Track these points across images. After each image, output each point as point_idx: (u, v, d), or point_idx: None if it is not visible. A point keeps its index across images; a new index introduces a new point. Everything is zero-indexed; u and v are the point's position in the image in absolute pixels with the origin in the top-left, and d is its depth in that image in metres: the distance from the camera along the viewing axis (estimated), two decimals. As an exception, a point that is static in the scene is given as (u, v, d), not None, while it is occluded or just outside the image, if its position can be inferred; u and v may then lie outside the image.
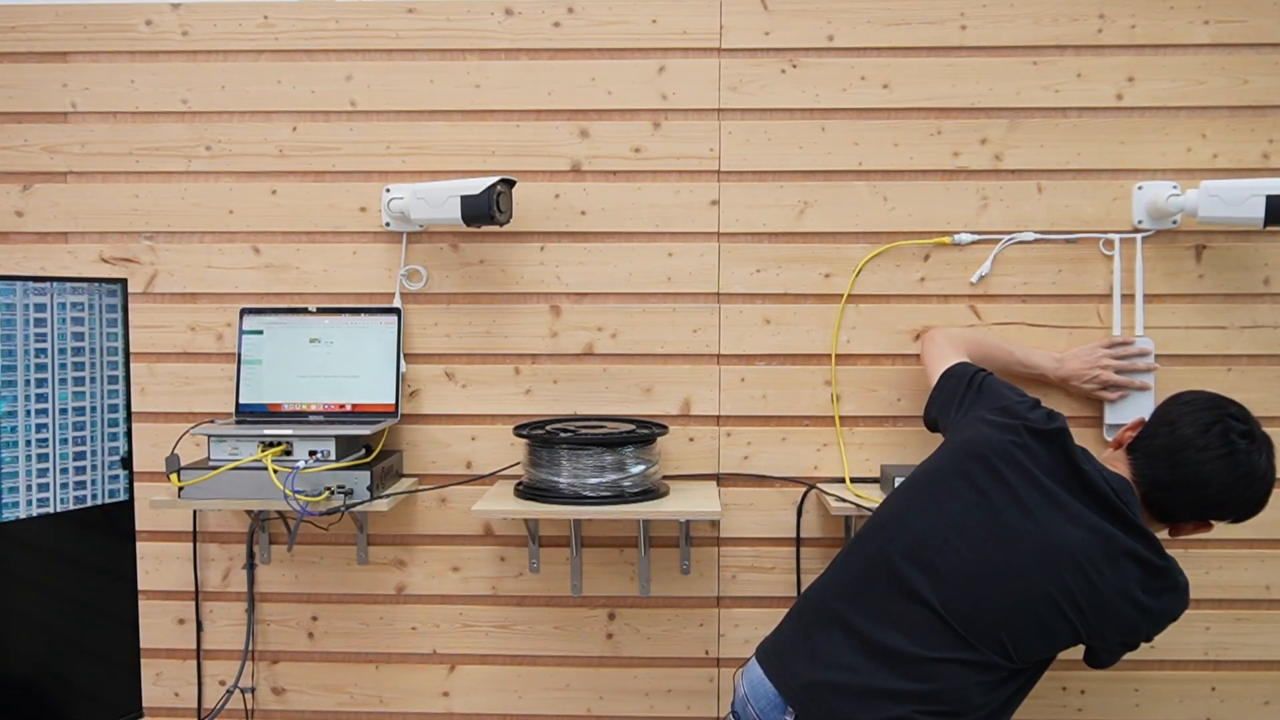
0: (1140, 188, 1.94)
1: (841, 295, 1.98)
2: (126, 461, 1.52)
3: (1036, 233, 1.96)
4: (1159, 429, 1.53)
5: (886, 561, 1.49)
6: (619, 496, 1.79)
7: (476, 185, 1.82)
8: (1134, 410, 1.89)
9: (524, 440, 1.88)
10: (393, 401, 1.95)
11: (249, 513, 2.00)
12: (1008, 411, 1.56)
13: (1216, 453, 1.46)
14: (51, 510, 1.43)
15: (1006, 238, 1.96)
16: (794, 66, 1.97)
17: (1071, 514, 1.45)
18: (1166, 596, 1.46)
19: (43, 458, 1.42)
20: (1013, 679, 1.45)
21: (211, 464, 1.80)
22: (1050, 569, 1.42)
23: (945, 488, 1.51)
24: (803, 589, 1.77)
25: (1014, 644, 1.42)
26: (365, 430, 1.84)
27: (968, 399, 1.67)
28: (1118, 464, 1.55)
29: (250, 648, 2.04)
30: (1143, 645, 1.52)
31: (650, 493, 1.82)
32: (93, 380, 1.48)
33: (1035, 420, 1.53)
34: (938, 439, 1.70)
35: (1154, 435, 1.53)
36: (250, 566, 2.03)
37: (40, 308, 1.42)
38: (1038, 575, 1.42)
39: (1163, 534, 1.54)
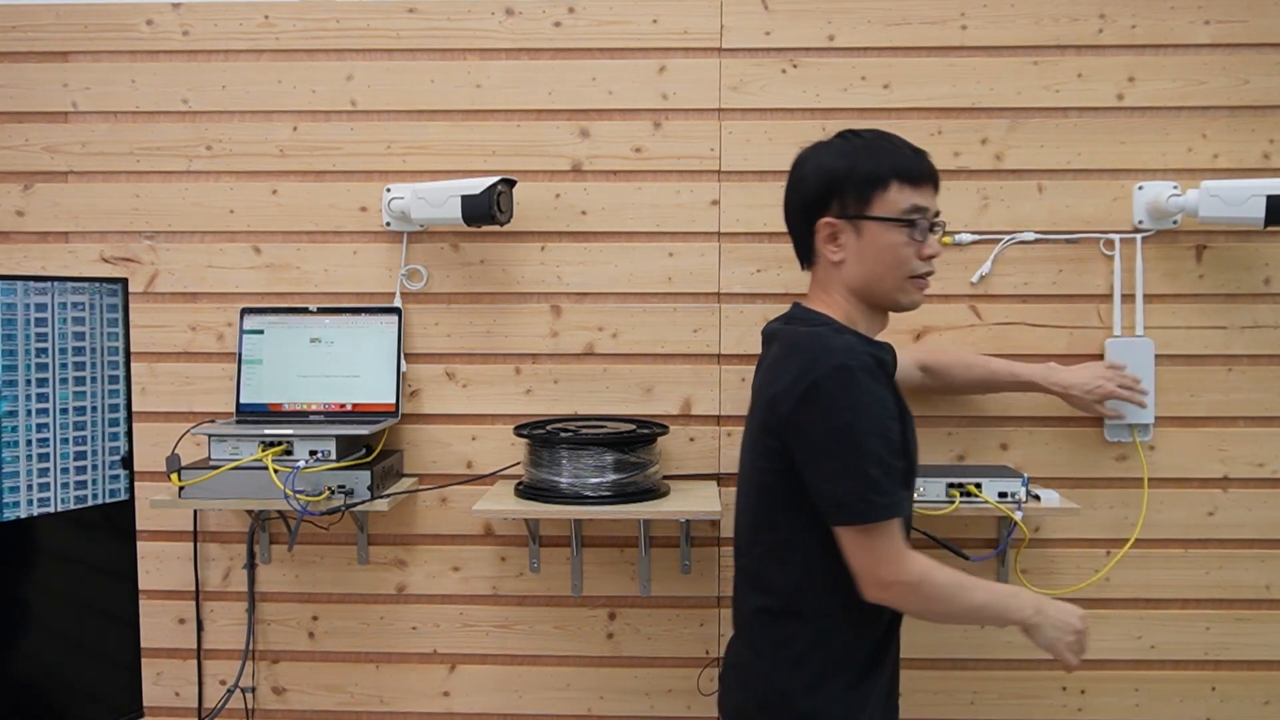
0: (1141, 188, 1.94)
1: (842, 295, 1.97)
2: (127, 461, 1.52)
3: (1037, 233, 1.96)
4: None
5: None
6: (619, 496, 1.79)
7: (477, 185, 1.82)
8: (1132, 417, 1.91)
9: (524, 440, 1.88)
10: (393, 401, 1.95)
11: (249, 512, 2.00)
12: None
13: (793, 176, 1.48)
14: (52, 510, 1.43)
15: (1007, 238, 1.96)
16: (794, 66, 1.97)
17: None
18: (785, 354, 1.44)
19: (44, 457, 1.42)
20: (780, 550, 1.41)
21: (212, 464, 1.80)
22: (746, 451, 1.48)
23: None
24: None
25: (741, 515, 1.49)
26: (366, 430, 1.84)
27: None
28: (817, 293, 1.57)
29: (251, 647, 2.04)
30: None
31: (651, 492, 1.83)
32: (93, 380, 1.48)
33: None
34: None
35: None
36: (251, 566, 2.03)
37: (41, 307, 1.42)
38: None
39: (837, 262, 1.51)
